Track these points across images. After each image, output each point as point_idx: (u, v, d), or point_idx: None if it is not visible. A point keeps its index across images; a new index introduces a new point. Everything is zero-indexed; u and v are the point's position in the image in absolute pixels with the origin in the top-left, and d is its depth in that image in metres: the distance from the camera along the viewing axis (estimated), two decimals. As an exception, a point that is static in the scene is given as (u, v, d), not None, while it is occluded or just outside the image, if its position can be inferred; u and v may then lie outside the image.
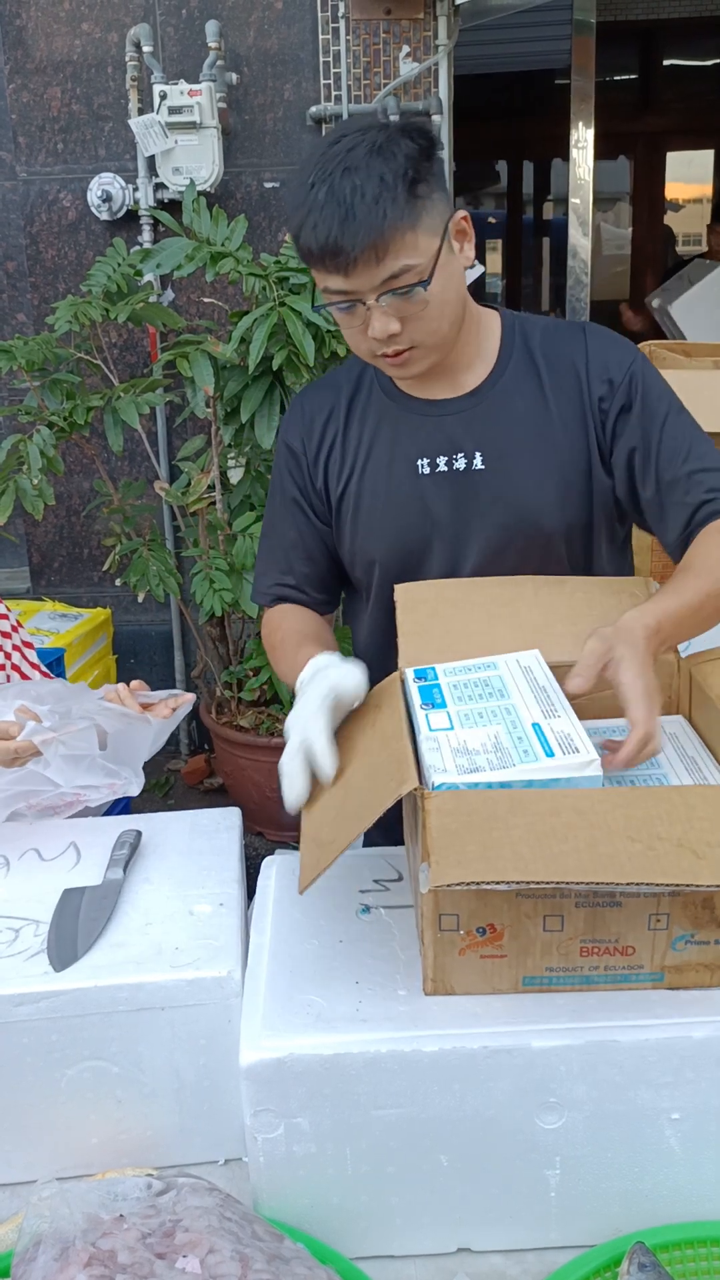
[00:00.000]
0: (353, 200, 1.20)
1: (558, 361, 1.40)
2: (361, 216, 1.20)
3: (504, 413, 1.40)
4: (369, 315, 1.27)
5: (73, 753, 1.31)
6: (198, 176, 3.32)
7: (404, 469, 1.41)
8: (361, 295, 1.25)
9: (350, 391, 1.47)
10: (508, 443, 1.39)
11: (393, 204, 1.21)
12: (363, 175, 1.21)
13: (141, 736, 1.38)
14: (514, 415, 1.40)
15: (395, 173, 1.21)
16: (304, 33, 3.42)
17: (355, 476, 1.44)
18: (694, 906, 0.99)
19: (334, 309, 1.29)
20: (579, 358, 1.40)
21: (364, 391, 1.46)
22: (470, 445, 1.39)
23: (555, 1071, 0.96)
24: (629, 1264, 0.91)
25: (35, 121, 3.55)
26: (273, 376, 2.81)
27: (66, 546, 3.86)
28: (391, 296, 1.25)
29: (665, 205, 8.01)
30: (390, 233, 1.21)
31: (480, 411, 1.40)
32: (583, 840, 0.93)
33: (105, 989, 1.06)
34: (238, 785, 3.30)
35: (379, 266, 1.23)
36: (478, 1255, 1.02)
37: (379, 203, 1.20)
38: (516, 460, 1.39)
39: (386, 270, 1.23)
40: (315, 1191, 1.00)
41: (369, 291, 1.25)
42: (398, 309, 1.26)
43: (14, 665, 1.64)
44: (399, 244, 1.22)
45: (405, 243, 1.23)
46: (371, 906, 1.16)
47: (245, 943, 1.14)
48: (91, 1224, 0.88)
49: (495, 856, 0.91)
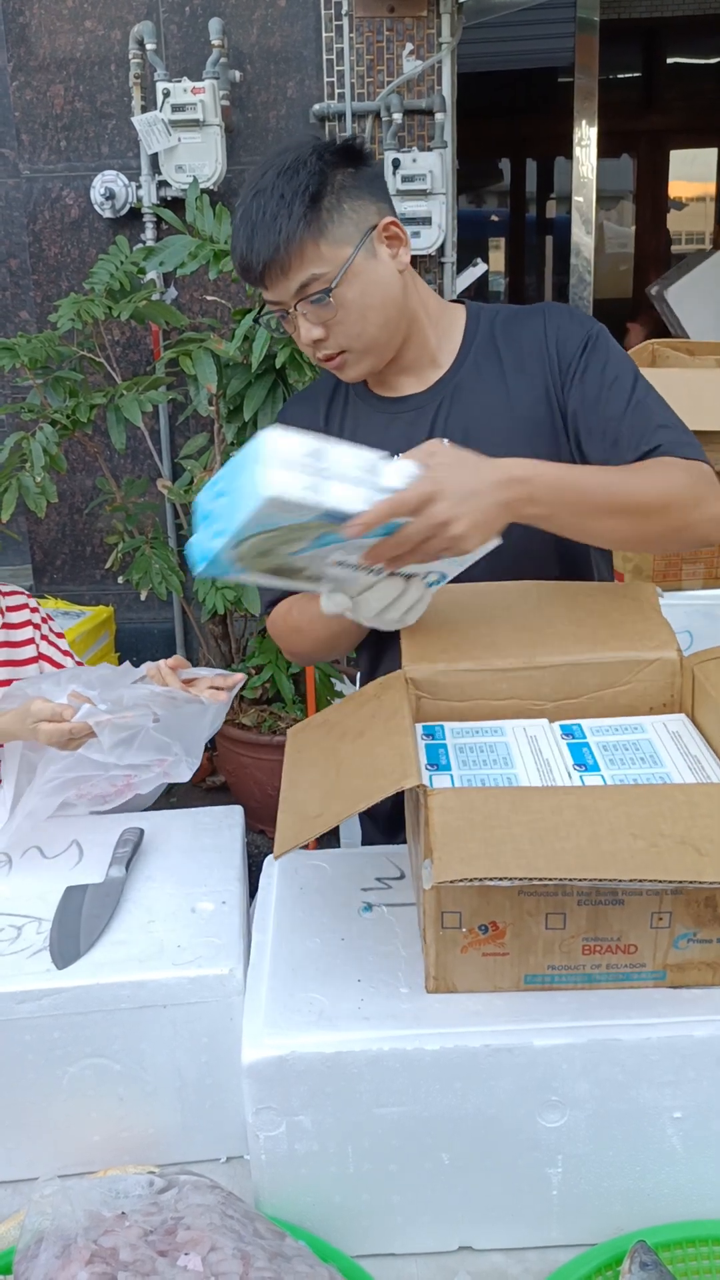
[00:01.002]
0: (257, 219, 1.29)
1: (519, 343, 1.43)
2: (261, 233, 1.29)
3: (466, 400, 1.42)
4: (294, 323, 1.35)
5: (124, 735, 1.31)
6: (201, 174, 3.32)
7: None
8: (285, 305, 1.34)
9: (328, 400, 1.51)
10: (471, 428, 1.40)
11: (288, 219, 1.28)
12: (266, 196, 1.29)
13: (198, 720, 1.38)
14: (476, 401, 1.42)
15: (295, 190, 1.29)
16: (307, 30, 3.42)
17: None
18: (696, 905, 0.99)
19: (273, 317, 1.38)
20: (539, 334, 1.42)
21: (340, 398, 1.50)
22: (440, 434, 1.40)
23: (557, 1070, 0.96)
24: (630, 1262, 0.91)
25: (38, 119, 3.55)
26: (275, 374, 2.81)
27: (69, 544, 3.86)
28: (307, 304, 1.32)
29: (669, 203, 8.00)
30: (288, 246, 1.29)
31: (442, 402, 1.42)
32: (585, 837, 0.93)
33: (107, 986, 1.06)
34: (240, 783, 3.31)
35: (286, 278, 1.31)
36: (479, 1253, 1.02)
37: (276, 219, 1.29)
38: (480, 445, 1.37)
39: (295, 281, 1.31)
40: (317, 1189, 1.00)
41: (289, 301, 1.33)
42: (316, 316, 1.33)
43: (44, 655, 1.64)
44: (300, 256, 1.29)
45: (308, 254, 1.29)
46: (374, 904, 1.16)
47: (247, 940, 1.14)
48: (93, 1221, 0.88)
49: (498, 853, 0.91)
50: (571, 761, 1.15)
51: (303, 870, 1.23)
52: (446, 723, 1.21)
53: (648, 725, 1.21)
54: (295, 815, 1.05)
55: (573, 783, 1.11)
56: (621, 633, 1.28)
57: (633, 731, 1.20)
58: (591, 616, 1.30)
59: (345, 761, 1.09)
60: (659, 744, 1.17)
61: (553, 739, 1.19)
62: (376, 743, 1.09)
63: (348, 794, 1.02)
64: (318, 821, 1.01)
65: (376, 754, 1.06)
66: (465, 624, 1.29)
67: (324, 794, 1.06)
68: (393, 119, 3.39)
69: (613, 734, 1.20)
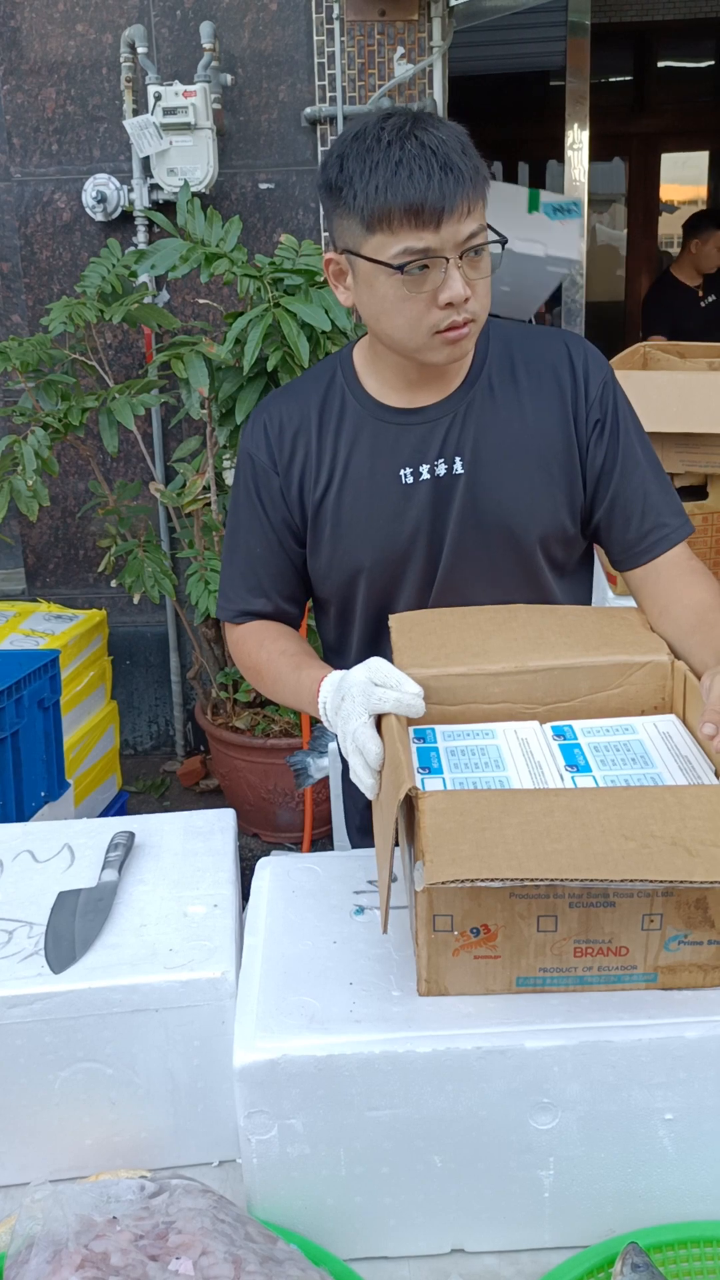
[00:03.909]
0: (446, 151, 1.21)
1: (537, 367, 1.40)
2: (459, 165, 1.21)
3: (484, 417, 1.39)
4: (446, 278, 1.24)
5: None
6: (192, 177, 3.32)
7: (387, 479, 1.39)
8: (444, 252, 1.23)
9: (320, 401, 1.43)
10: (487, 447, 1.38)
11: (478, 160, 1.23)
12: (445, 132, 1.22)
13: None
14: (494, 419, 1.39)
15: (465, 137, 1.24)
16: (298, 34, 3.43)
17: (334, 489, 1.41)
18: (687, 906, 0.99)
19: (408, 274, 1.24)
20: (562, 365, 1.40)
21: (334, 401, 1.42)
22: (451, 450, 1.38)
23: (549, 1072, 0.96)
24: (622, 1264, 0.91)
25: (30, 122, 3.55)
26: (267, 378, 2.81)
27: (62, 548, 3.86)
28: (470, 255, 1.25)
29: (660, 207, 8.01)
30: (478, 187, 1.23)
31: (461, 415, 1.39)
32: (576, 839, 0.93)
33: (99, 990, 1.06)
34: (233, 786, 3.30)
35: (467, 220, 1.23)
36: (471, 1256, 1.02)
37: (467, 155, 1.22)
38: (495, 465, 1.38)
39: (471, 226, 1.23)
40: (309, 1193, 1.00)
41: (453, 248, 1.23)
42: (473, 270, 1.26)
43: None
44: (479, 202, 1.24)
45: (481, 203, 1.25)
46: (366, 907, 1.16)
47: (239, 944, 1.13)
48: (84, 1226, 0.87)
49: (489, 855, 0.91)
50: (563, 763, 1.15)
51: (295, 873, 1.23)
52: (438, 726, 1.21)
53: (638, 726, 1.21)
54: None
55: (564, 784, 1.12)
56: (612, 641, 1.28)
57: (624, 732, 1.20)
58: (581, 629, 1.31)
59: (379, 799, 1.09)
60: (650, 745, 1.18)
61: (544, 740, 1.19)
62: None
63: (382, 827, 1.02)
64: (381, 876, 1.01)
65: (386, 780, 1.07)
66: (456, 635, 1.29)
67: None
68: (384, 122, 3.39)
69: (604, 735, 1.20)
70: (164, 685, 3.95)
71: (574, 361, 1.40)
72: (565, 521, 1.42)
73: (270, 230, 3.57)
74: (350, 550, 1.43)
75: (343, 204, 1.25)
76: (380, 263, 1.25)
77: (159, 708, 3.99)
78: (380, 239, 1.24)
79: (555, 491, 1.40)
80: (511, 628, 1.31)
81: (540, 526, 1.41)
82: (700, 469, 2.29)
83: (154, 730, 4.02)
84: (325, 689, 1.24)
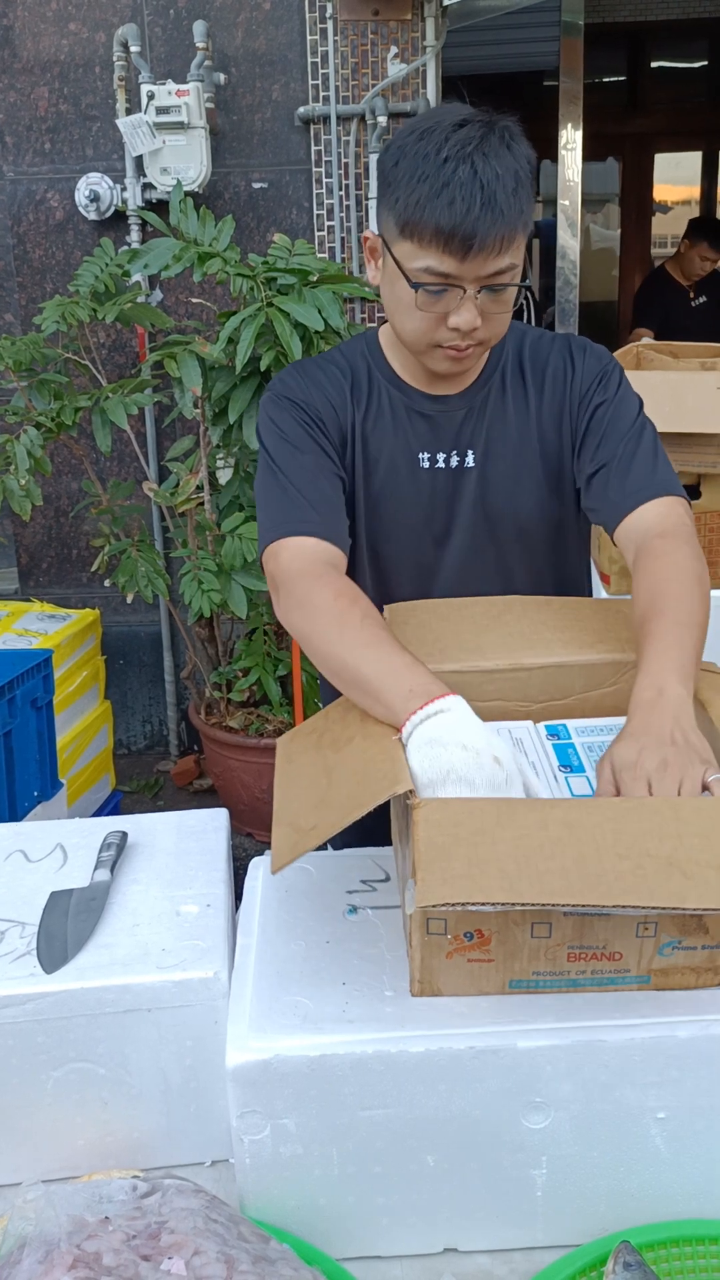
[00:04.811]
0: (495, 188, 1.19)
1: (544, 369, 1.43)
2: (502, 205, 1.19)
3: (494, 414, 1.42)
4: (459, 305, 1.25)
5: None
6: (185, 177, 3.31)
7: (407, 461, 1.42)
8: (464, 282, 1.23)
9: (350, 372, 1.43)
10: (495, 444, 1.41)
11: (526, 200, 1.21)
12: (503, 165, 1.20)
13: None
14: (504, 418, 1.42)
15: (525, 171, 1.22)
16: (291, 33, 3.42)
17: (360, 460, 1.42)
18: (682, 916, 0.98)
19: (423, 290, 1.25)
20: (564, 366, 1.42)
21: (363, 375, 1.44)
22: (465, 443, 1.41)
23: (541, 1071, 0.96)
24: (614, 1263, 0.91)
25: (22, 121, 3.54)
26: (260, 377, 2.80)
27: (55, 547, 3.85)
28: (488, 291, 1.25)
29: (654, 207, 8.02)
30: (517, 228, 1.22)
31: (475, 410, 1.42)
32: (570, 858, 0.91)
33: (92, 990, 1.06)
34: (227, 786, 3.30)
35: (496, 258, 1.22)
36: (464, 1255, 1.02)
37: (516, 195, 1.21)
38: (502, 462, 1.42)
39: (499, 264, 1.23)
40: (302, 1192, 1.00)
41: (473, 280, 1.23)
42: (490, 304, 1.26)
43: None
44: (515, 241, 1.23)
45: (517, 242, 1.24)
46: (359, 907, 1.16)
47: (232, 944, 1.13)
48: (77, 1226, 0.87)
49: (481, 874, 0.90)
50: (557, 763, 1.15)
51: (288, 873, 1.22)
52: None
53: None
54: (289, 828, 1.05)
55: (558, 785, 1.12)
56: (607, 638, 1.28)
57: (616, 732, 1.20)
58: (576, 623, 1.31)
59: (335, 769, 1.08)
60: None
61: (537, 740, 1.19)
62: (365, 749, 1.08)
63: (340, 803, 1.02)
64: (312, 834, 1.01)
65: (366, 760, 1.06)
66: (451, 630, 1.29)
67: (316, 804, 1.05)
68: (377, 122, 3.39)
69: (597, 735, 1.20)
70: (158, 685, 3.94)
71: (574, 358, 1.42)
72: (570, 520, 1.46)
73: (263, 230, 3.56)
74: (364, 523, 1.44)
75: (388, 196, 1.26)
76: (403, 269, 1.26)
77: (152, 707, 3.99)
78: (409, 247, 1.24)
79: (564, 490, 1.43)
80: (506, 621, 1.30)
81: (546, 525, 1.44)
82: (693, 469, 2.30)
83: (147, 730, 4.01)
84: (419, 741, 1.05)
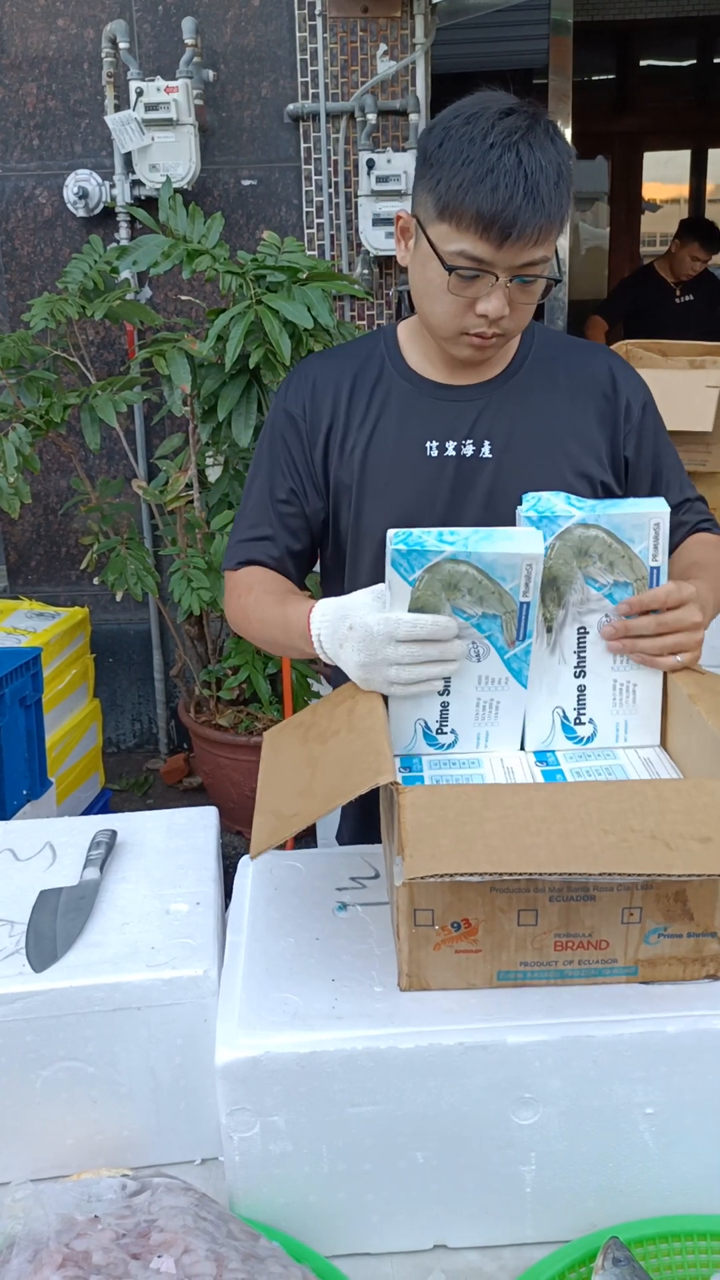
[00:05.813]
0: (538, 178, 1.20)
1: (579, 372, 1.44)
2: (544, 196, 1.21)
3: (518, 407, 1.41)
4: (490, 292, 1.26)
5: None
6: (174, 173, 3.31)
7: (411, 450, 1.41)
8: (497, 270, 1.25)
9: (357, 367, 1.45)
10: (516, 437, 1.40)
11: (566, 194, 1.23)
12: (548, 156, 1.21)
13: None
14: (527, 411, 1.41)
15: (567, 165, 1.24)
16: (281, 30, 3.42)
17: (358, 453, 1.42)
18: (667, 899, 0.99)
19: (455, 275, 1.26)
20: (603, 375, 1.44)
21: (373, 368, 1.45)
22: (482, 433, 1.40)
23: (530, 1067, 0.96)
24: (603, 1259, 0.91)
25: (11, 118, 3.53)
26: (249, 375, 2.80)
27: (44, 545, 3.84)
28: (519, 281, 1.26)
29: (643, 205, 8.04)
30: (555, 221, 1.23)
31: (495, 402, 1.41)
32: (555, 833, 0.93)
33: (81, 989, 1.06)
34: (217, 784, 3.30)
35: (532, 249, 1.23)
36: (454, 1252, 1.02)
37: (558, 188, 1.22)
38: (522, 455, 1.40)
39: (534, 254, 1.24)
40: (291, 1190, 1.00)
41: (506, 269, 1.25)
42: (520, 294, 1.27)
43: None
44: (551, 234, 1.24)
45: (553, 234, 1.25)
46: (348, 904, 1.16)
47: (222, 941, 1.13)
48: (66, 1225, 0.87)
49: (468, 849, 0.91)
50: None
51: (278, 870, 1.23)
52: (424, 755, 1.21)
53: (620, 753, 1.22)
54: (271, 815, 1.05)
55: None
56: None
57: (605, 757, 1.21)
58: None
59: (320, 761, 1.09)
60: (631, 771, 1.18)
61: (527, 767, 1.19)
62: (350, 741, 1.09)
63: (322, 793, 1.02)
64: (293, 820, 1.01)
65: (351, 752, 1.06)
66: None
67: (299, 793, 1.06)
68: (367, 119, 3.39)
69: (586, 760, 1.20)
70: (147, 683, 3.94)
71: (617, 379, 1.44)
72: None
73: (253, 227, 3.56)
74: (371, 518, 1.43)
75: (429, 177, 1.26)
76: (437, 251, 1.26)
77: (142, 706, 3.98)
78: (446, 229, 1.25)
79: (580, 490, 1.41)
80: None
81: None
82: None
83: (137, 728, 4.01)
84: (318, 618, 1.21)
